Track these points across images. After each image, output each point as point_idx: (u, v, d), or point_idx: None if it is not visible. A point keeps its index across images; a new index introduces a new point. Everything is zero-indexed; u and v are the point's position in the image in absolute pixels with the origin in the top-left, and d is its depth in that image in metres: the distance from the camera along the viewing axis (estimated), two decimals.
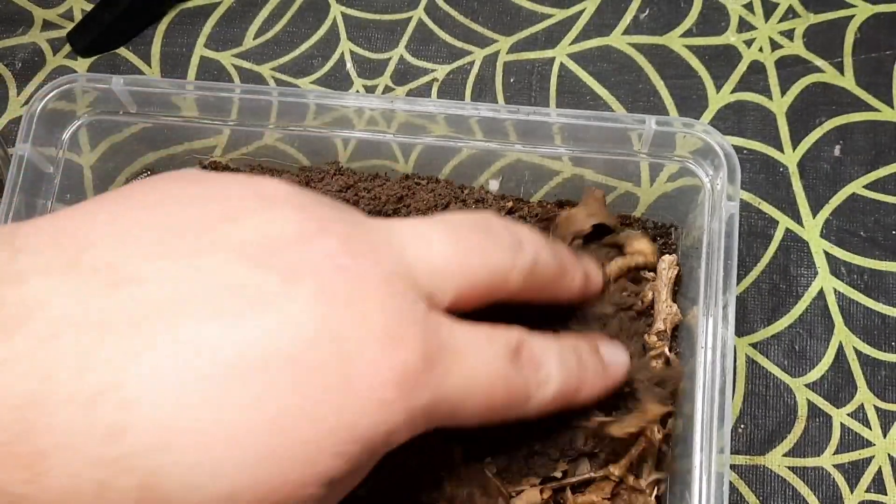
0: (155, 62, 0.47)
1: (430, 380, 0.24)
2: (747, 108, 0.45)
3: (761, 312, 0.42)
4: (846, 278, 0.42)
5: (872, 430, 0.40)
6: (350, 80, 0.47)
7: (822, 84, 0.46)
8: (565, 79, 0.46)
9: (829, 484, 0.39)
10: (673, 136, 0.36)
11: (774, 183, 0.44)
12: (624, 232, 0.38)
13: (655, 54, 0.47)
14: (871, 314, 0.42)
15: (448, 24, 0.48)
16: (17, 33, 0.48)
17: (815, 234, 0.43)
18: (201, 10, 0.48)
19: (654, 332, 0.36)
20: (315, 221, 0.24)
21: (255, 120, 0.38)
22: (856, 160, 0.44)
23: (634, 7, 0.47)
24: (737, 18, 0.47)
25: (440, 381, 0.24)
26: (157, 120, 0.39)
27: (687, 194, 0.38)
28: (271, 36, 0.48)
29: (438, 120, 0.37)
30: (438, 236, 0.26)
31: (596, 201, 0.39)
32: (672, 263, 0.37)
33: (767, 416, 0.40)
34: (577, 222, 0.38)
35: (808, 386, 0.41)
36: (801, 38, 0.46)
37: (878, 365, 0.41)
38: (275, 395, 0.21)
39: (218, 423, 0.21)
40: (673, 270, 0.37)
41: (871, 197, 0.44)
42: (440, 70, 0.47)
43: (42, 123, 0.36)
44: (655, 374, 0.33)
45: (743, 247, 0.42)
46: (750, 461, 0.40)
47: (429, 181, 0.40)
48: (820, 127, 0.45)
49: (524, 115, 0.36)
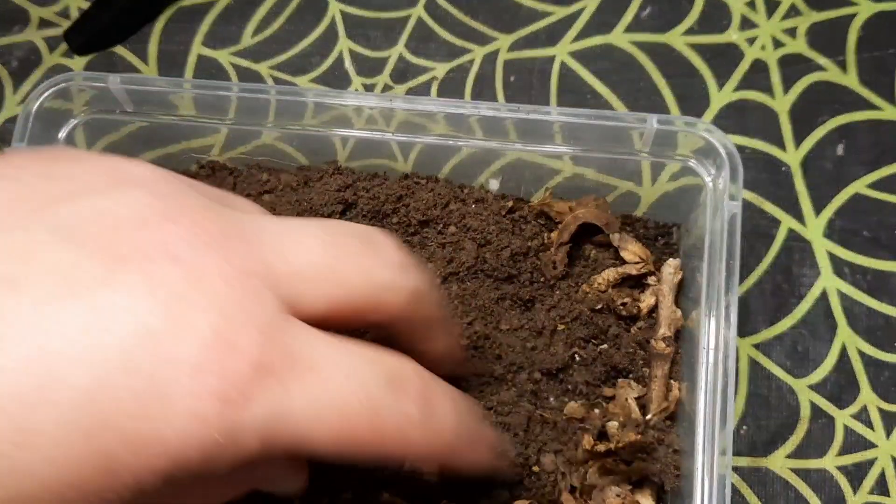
0: (152, 60, 0.47)
1: (264, 394, 0.21)
2: (749, 107, 0.45)
3: (764, 313, 0.41)
4: (849, 278, 0.42)
5: (875, 432, 0.40)
6: (349, 79, 0.46)
7: (824, 82, 0.45)
8: (566, 77, 0.46)
9: (831, 486, 0.39)
10: (675, 135, 0.36)
11: (777, 182, 0.44)
12: (616, 235, 0.38)
13: (657, 52, 0.46)
14: (875, 315, 0.41)
15: (448, 22, 0.47)
16: (13, 31, 0.48)
17: (818, 234, 0.43)
18: (199, 8, 0.48)
19: (660, 337, 0.36)
20: (163, 208, 0.22)
21: (253, 119, 0.38)
22: (859, 159, 0.44)
23: (636, 5, 0.47)
24: (739, 16, 0.47)
25: (279, 397, 0.21)
26: (154, 119, 0.38)
27: (689, 194, 0.37)
28: (269, 34, 0.47)
29: (438, 119, 0.37)
30: (311, 238, 0.24)
31: (593, 202, 0.38)
32: (677, 268, 0.37)
33: (770, 417, 0.40)
34: (566, 228, 0.38)
35: (811, 387, 0.40)
36: (803, 36, 0.46)
37: (881, 366, 0.40)
38: (69, 396, 0.19)
39: (8, 418, 0.19)
40: (677, 275, 0.37)
41: (874, 196, 0.43)
42: (440, 68, 0.46)
43: (38, 122, 0.36)
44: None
45: (745, 247, 0.42)
46: (752, 463, 0.39)
47: (428, 180, 0.40)
48: (823, 126, 0.45)
49: (524, 113, 0.36)
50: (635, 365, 0.36)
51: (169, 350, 0.20)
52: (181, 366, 0.20)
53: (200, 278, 0.21)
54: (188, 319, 0.20)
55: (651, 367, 0.36)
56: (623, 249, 0.38)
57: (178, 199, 0.22)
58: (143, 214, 0.21)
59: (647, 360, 0.36)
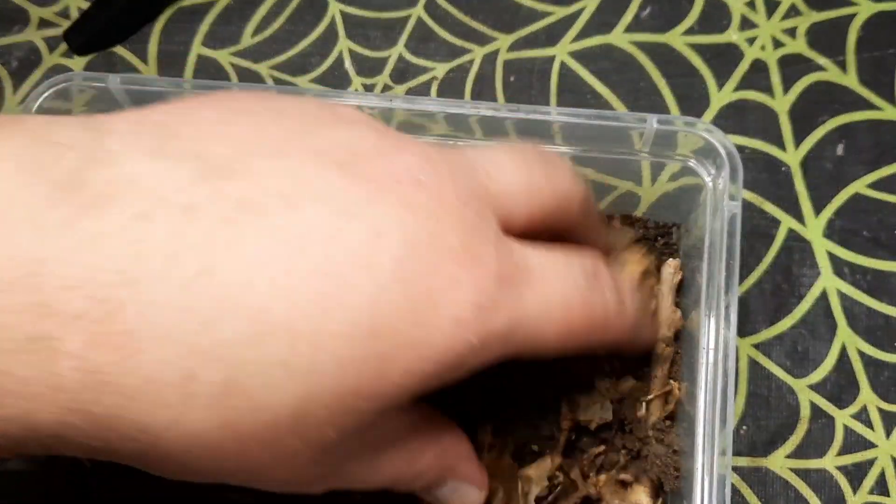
0: (152, 60, 0.47)
1: (506, 301, 0.23)
2: (749, 107, 0.45)
3: (763, 313, 0.41)
4: (849, 278, 0.42)
5: (875, 432, 0.40)
6: (349, 79, 0.46)
7: (824, 82, 0.45)
8: (566, 77, 0.46)
9: (831, 486, 0.39)
10: (674, 135, 0.36)
11: (777, 182, 0.44)
12: (612, 235, 0.37)
13: (657, 52, 0.46)
14: (875, 315, 0.41)
15: (448, 22, 0.47)
16: (12, 31, 0.48)
17: (818, 234, 0.43)
18: (199, 8, 0.48)
19: (660, 338, 0.36)
20: (391, 140, 0.24)
21: None
22: (859, 159, 0.44)
23: (636, 5, 0.47)
24: (739, 16, 0.47)
25: (516, 303, 0.24)
26: None
27: (688, 194, 0.37)
28: (269, 34, 0.47)
29: (438, 119, 0.36)
30: (510, 161, 0.26)
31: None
32: (676, 268, 0.37)
33: (769, 417, 0.40)
34: None
35: (811, 387, 0.40)
36: (803, 36, 0.46)
37: (881, 366, 0.40)
38: (357, 302, 0.21)
39: (306, 321, 0.20)
40: (677, 276, 0.37)
41: (874, 196, 0.43)
42: (439, 68, 0.46)
43: None
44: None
45: (745, 247, 0.42)
46: (752, 463, 0.39)
47: None
48: (823, 126, 0.45)
49: (524, 113, 0.36)
50: (637, 366, 0.36)
51: (431, 262, 0.22)
52: (442, 276, 0.22)
53: (442, 200, 0.23)
54: (442, 235, 0.23)
55: (651, 368, 0.36)
56: (625, 263, 0.37)
57: (391, 132, 0.25)
58: (378, 145, 0.23)
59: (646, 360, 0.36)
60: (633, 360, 0.35)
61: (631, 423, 0.35)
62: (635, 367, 0.36)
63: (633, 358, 0.35)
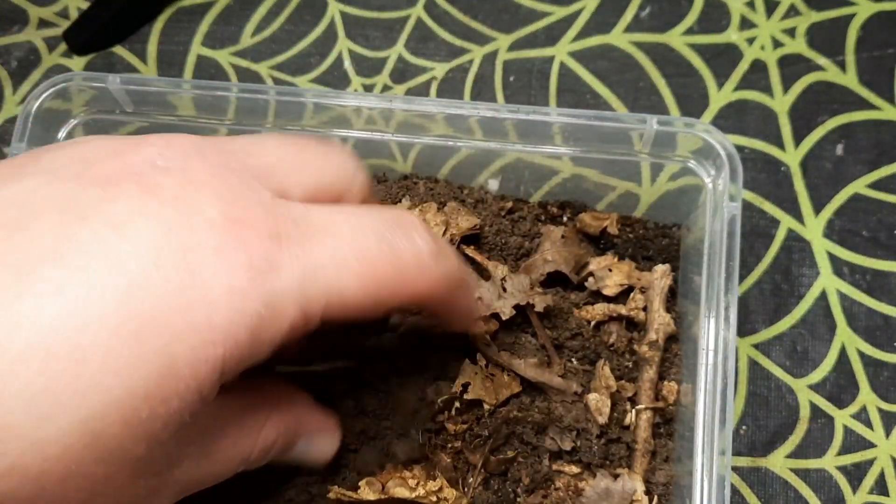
0: (151, 60, 0.47)
1: (287, 258, 0.22)
2: (749, 107, 0.45)
3: (763, 313, 0.41)
4: (849, 278, 0.42)
5: (875, 432, 0.40)
6: (348, 79, 0.46)
7: (824, 83, 0.45)
8: (565, 77, 0.46)
9: (831, 486, 0.39)
10: (674, 136, 0.36)
11: (776, 182, 0.44)
12: (592, 278, 0.37)
13: (656, 52, 0.46)
14: (874, 315, 0.41)
15: (447, 22, 0.47)
16: (12, 31, 0.48)
17: (818, 234, 0.43)
18: (198, 8, 0.48)
19: (646, 341, 0.36)
20: (130, 141, 0.24)
21: (253, 119, 0.38)
22: (858, 159, 0.44)
23: (635, 5, 0.47)
24: (738, 16, 0.47)
25: (303, 259, 0.23)
26: (153, 119, 0.38)
27: (688, 194, 0.37)
28: (269, 34, 0.47)
29: (437, 119, 0.36)
30: (273, 140, 0.26)
31: (555, 242, 0.37)
32: (665, 273, 0.37)
33: (769, 417, 0.40)
34: (535, 268, 0.37)
35: (811, 387, 0.40)
36: (803, 36, 0.46)
37: (880, 366, 0.40)
38: (109, 301, 0.20)
39: (57, 337, 0.19)
40: (666, 280, 0.36)
41: (873, 196, 0.43)
42: (439, 68, 0.46)
43: (38, 123, 0.36)
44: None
45: (745, 247, 0.42)
46: (752, 463, 0.39)
47: (428, 181, 0.40)
48: (822, 126, 0.45)
49: (524, 114, 0.36)
50: (629, 370, 0.36)
51: (188, 239, 0.21)
52: (205, 250, 0.21)
53: (193, 178, 0.23)
54: (195, 210, 0.22)
55: (640, 371, 0.36)
56: (604, 288, 0.37)
57: (135, 137, 0.24)
58: (115, 148, 0.23)
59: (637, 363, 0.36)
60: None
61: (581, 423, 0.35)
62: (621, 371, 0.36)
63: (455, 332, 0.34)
